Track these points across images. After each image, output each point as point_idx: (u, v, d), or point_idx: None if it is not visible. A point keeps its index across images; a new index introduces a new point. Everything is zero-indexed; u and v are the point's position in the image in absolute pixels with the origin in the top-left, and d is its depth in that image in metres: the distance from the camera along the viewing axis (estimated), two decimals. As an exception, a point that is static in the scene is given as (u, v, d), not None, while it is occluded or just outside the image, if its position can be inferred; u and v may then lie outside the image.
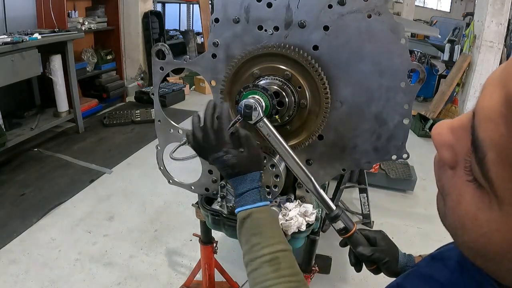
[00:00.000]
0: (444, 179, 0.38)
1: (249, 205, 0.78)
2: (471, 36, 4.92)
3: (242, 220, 0.78)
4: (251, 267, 0.74)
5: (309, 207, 1.14)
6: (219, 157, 0.80)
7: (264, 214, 0.78)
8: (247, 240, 0.77)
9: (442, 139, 0.36)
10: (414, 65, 0.90)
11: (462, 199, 0.34)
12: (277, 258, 0.73)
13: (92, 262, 2.34)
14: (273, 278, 0.71)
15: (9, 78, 3.20)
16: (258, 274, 0.72)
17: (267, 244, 0.74)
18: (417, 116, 4.95)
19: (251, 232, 0.77)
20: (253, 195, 0.79)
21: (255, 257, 0.74)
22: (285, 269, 0.72)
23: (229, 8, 0.98)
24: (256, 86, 0.86)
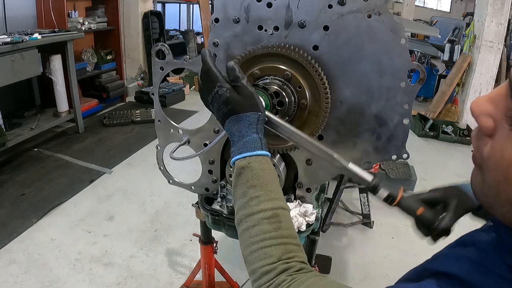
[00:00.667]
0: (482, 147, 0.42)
1: (249, 152, 0.69)
2: (471, 36, 4.92)
3: (240, 170, 0.69)
4: (246, 223, 0.65)
5: (309, 207, 1.14)
6: (214, 94, 0.73)
7: (265, 165, 0.69)
8: (244, 193, 0.67)
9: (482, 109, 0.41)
10: (414, 65, 0.90)
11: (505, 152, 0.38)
12: (278, 216, 0.65)
13: (92, 262, 2.34)
14: (273, 237, 0.62)
15: (9, 78, 3.20)
16: (256, 232, 0.63)
17: (268, 198, 0.66)
18: (417, 116, 4.95)
19: (249, 183, 0.67)
20: (253, 142, 0.70)
21: (253, 212, 0.65)
22: (285, 229, 0.64)
23: (229, 8, 0.98)
24: (256, 86, 0.86)
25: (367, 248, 2.57)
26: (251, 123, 0.71)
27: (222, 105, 0.72)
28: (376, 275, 2.29)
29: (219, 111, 0.74)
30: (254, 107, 0.72)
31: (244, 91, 0.72)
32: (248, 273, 0.64)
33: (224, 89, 0.72)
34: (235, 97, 0.72)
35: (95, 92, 5.00)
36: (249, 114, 0.71)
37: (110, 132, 4.42)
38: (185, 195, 2.75)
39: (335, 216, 2.76)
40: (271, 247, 0.62)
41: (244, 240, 0.65)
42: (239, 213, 0.68)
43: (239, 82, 0.73)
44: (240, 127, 0.71)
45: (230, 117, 0.72)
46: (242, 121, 0.71)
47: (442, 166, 4.00)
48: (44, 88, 4.17)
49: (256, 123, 0.71)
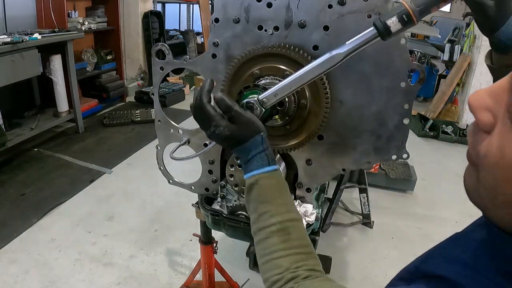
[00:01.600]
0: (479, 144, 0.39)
1: (256, 170, 0.73)
2: (471, 36, 4.92)
3: (250, 187, 0.74)
4: (259, 236, 0.71)
5: (309, 207, 1.14)
6: (211, 133, 0.76)
7: (272, 180, 0.74)
8: (255, 208, 0.73)
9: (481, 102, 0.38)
10: (414, 65, 0.90)
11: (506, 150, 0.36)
12: (286, 228, 0.70)
13: (92, 262, 2.34)
14: (281, 249, 0.68)
15: (9, 78, 3.20)
16: (266, 245, 0.69)
17: (276, 212, 0.71)
18: (417, 116, 4.95)
19: (259, 199, 0.73)
20: (260, 159, 0.74)
21: (263, 227, 0.71)
22: (294, 240, 0.69)
23: (229, 8, 0.98)
24: (257, 86, 0.86)
25: (367, 248, 2.57)
26: (256, 146, 0.74)
27: (224, 141, 0.76)
28: (376, 275, 2.29)
29: (222, 143, 0.78)
30: (255, 130, 0.75)
31: (240, 120, 0.74)
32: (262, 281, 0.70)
33: (221, 128, 0.74)
34: (234, 131, 0.74)
35: (95, 92, 5.00)
36: (251, 140, 0.74)
37: (110, 132, 4.42)
38: (185, 195, 2.75)
39: (335, 216, 2.77)
40: (279, 258, 0.67)
41: (258, 251, 0.72)
42: (253, 227, 0.74)
43: (233, 112, 0.74)
44: (246, 151, 0.75)
45: (235, 148, 0.76)
46: (247, 148, 0.75)
47: (442, 166, 4.00)
48: (44, 88, 4.16)
49: (260, 143, 0.74)
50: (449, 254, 0.48)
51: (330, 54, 0.74)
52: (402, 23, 0.64)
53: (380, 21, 0.65)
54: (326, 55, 0.74)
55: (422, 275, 0.47)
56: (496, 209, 0.39)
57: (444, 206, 3.15)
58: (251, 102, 0.81)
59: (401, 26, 0.64)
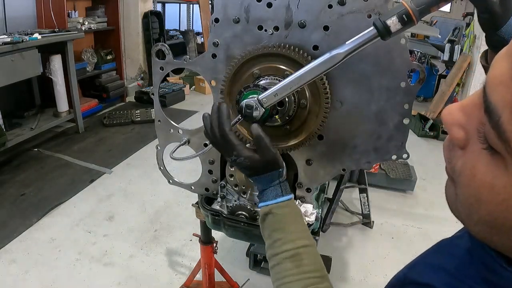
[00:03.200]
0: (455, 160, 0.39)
1: (270, 200, 0.78)
2: (471, 36, 4.92)
3: (264, 216, 0.78)
4: (273, 262, 0.75)
5: (309, 207, 1.14)
6: (233, 161, 0.80)
7: (285, 209, 0.78)
8: (269, 235, 0.77)
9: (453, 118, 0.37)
10: (414, 65, 0.90)
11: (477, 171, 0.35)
12: (298, 254, 0.73)
13: (92, 262, 2.34)
14: (293, 274, 0.71)
15: (9, 78, 3.20)
16: (279, 270, 0.73)
17: (288, 239, 0.74)
18: (417, 116, 4.94)
19: (272, 227, 0.76)
20: (274, 191, 0.78)
21: (276, 253, 0.74)
22: (307, 265, 0.72)
23: (229, 8, 0.98)
24: (257, 86, 0.86)
25: (367, 248, 2.57)
26: (273, 179, 0.79)
27: (243, 170, 0.81)
28: (376, 275, 2.29)
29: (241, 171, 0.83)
30: (275, 167, 0.79)
31: (264, 155, 0.78)
32: None
33: (242, 159, 0.78)
34: (255, 163, 0.78)
35: (95, 92, 5.00)
36: (271, 173, 0.78)
37: (110, 132, 4.42)
38: (185, 195, 2.75)
39: (335, 216, 2.76)
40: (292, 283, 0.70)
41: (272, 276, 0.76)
42: (267, 252, 0.77)
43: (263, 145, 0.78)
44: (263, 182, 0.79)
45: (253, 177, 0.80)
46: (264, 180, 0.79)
47: (442, 166, 3.92)
48: (44, 88, 4.17)
49: (277, 177, 0.79)
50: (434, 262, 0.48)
51: (330, 54, 0.74)
52: (402, 23, 0.64)
53: (380, 21, 0.65)
54: (326, 55, 0.74)
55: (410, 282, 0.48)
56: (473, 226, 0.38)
57: (444, 206, 3.10)
58: (251, 102, 0.81)
59: (401, 26, 0.64)
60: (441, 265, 0.46)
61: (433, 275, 0.45)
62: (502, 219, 0.33)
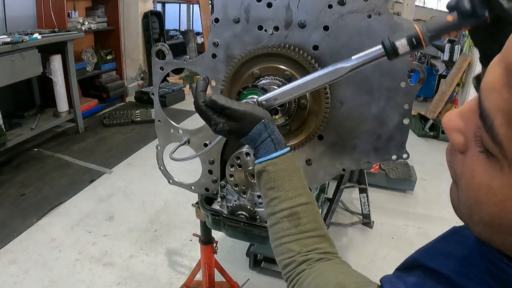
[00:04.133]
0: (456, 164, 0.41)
1: (263, 157, 0.74)
2: (471, 36, 4.91)
3: (258, 174, 0.75)
4: (270, 221, 0.73)
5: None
6: (214, 130, 0.78)
7: (280, 166, 0.73)
8: (264, 194, 0.74)
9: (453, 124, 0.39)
10: (414, 65, 0.90)
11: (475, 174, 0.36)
12: (297, 213, 0.70)
13: (92, 262, 2.34)
14: (292, 234, 0.69)
15: (9, 78, 3.20)
16: (277, 229, 0.71)
17: (285, 198, 0.71)
18: (417, 116, 4.94)
19: (267, 186, 0.73)
20: (266, 146, 0.74)
21: (273, 212, 0.72)
22: (305, 224, 0.69)
23: (229, 8, 0.98)
24: (256, 86, 0.86)
25: (367, 248, 2.57)
26: (260, 133, 0.75)
27: (228, 135, 0.78)
28: (376, 275, 2.28)
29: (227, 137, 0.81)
30: (254, 120, 0.75)
31: (237, 116, 0.75)
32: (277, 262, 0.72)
33: (220, 125, 0.76)
34: (233, 126, 0.75)
35: (95, 92, 5.00)
36: (254, 129, 0.75)
37: (110, 132, 4.42)
38: (185, 195, 2.75)
39: (335, 216, 2.76)
40: (290, 243, 0.68)
41: (270, 235, 0.74)
42: (265, 210, 0.75)
43: (227, 110, 0.75)
44: (251, 141, 0.76)
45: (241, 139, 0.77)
46: (250, 138, 0.76)
47: (442, 166, 3.99)
48: (44, 88, 4.17)
49: (264, 130, 0.75)
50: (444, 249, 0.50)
51: (335, 66, 0.73)
52: (411, 46, 0.63)
53: (389, 41, 0.64)
54: (330, 67, 0.74)
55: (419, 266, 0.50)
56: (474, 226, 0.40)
57: (444, 206, 3.14)
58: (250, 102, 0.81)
59: (409, 49, 0.64)
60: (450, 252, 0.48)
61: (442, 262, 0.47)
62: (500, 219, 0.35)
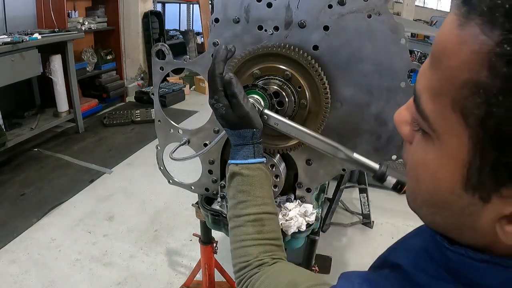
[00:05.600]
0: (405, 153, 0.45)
1: (240, 160, 0.75)
2: (471, 36, 4.91)
3: (232, 174, 0.75)
4: (234, 223, 0.74)
5: (309, 207, 1.14)
6: (211, 104, 0.76)
7: (255, 172, 0.75)
8: (234, 196, 0.75)
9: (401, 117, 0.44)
10: (414, 65, 0.90)
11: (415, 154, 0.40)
12: (261, 220, 0.72)
13: (92, 262, 2.34)
14: (254, 238, 0.70)
15: (9, 78, 3.20)
16: (240, 232, 0.72)
17: (253, 204, 0.73)
18: (417, 116, 4.94)
19: (238, 188, 0.74)
20: (246, 151, 0.75)
21: (239, 215, 0.73)
22: (268, 232, 0.71)
23: (229, 8, 0.98)
24: (255, 86, 0.86)
25: (367, 248, 2.57)
26: (245, 138, 0.75)
27: (219, 118, 0.77)
28: (376, 275, 2.29)
29: (216, 118, 0.79)
30: (250, 124, 0.75)
31: (239, 111, 0.74)
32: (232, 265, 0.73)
33: (220, 105, 0.74)
34: (230, 115, 0.74)
35: (95, 92, 5.00)
36: (242, 131, 0.75)
37: (110, 132, 4.42)
38: (185, 195, 2.75)
39: (335, 216, 2.77)
40: (251, 247, 0.70)
41: (231, 237, 0.74)
42: (229, 212, 0.76)
43: (235, 99, 0.74)
44: (234, 138, 0.76)
45: (227, 130, 0.77)
46: (236, 135, 0.76)
47: (442, 166, 4.00)
48: (44, 88, 4.17)
49: (250, 137, 0.75)
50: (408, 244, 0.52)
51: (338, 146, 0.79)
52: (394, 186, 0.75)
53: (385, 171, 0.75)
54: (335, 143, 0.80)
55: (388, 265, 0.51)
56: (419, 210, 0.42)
57: (444, 206, 3.15)
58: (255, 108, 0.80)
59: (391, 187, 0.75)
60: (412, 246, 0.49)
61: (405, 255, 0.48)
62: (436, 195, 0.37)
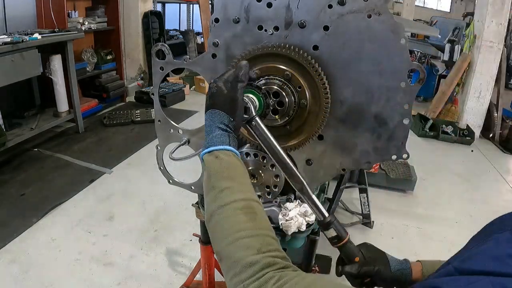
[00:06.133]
0: None
1: (216, 146, 0.68)
2: (471, 36, 4.92)
3: (208, 163, 0.67)
4: (219, 216, 0.60)
5: (309, 207, 1.14)
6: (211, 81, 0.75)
7: (233, 158, 0.68)
8: (213, 186, 0.64)
9: None
10: (414, 65, 0.90)
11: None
12: (252, 207, 0.61)
13: (92, 262, 2.34)
14: (249, 228, 0.58)
15: (9, 78, 3.20)
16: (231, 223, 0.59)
17: (239, 189, 0.63)
18: (417, 116, 4.95)
19: (219, 175, 0.64)
20: (221, 137, 0.69)
21: (225, 203, 0.61)
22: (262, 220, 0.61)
23: (229, 8, 0.98)
24: (250, 85, 0.86)
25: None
26: (222, 122, 0.71)
27: (208, 98, 0.74)
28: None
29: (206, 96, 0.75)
30: (232, 109, 0.72)
31: (231, 93, 0.73)
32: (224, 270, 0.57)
33: (214, 85, 0.74)
34: (219, 94, 0.73)
35: (95, 92, 5.00)
36: (222, 113, 0.71)
37: (110, 132, 4.42)
38: (185, 195, 2.74)
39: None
40: (248, 238, 0.57)
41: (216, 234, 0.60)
42: (209, 207, 0.63)
43: (234, 83, 0.74)
44: (211, 123, 0.71)
45: (208, 111, 0.73)
46: (215, 117, 0.71)
47: (442, 166, 4.00)
48: (44, 88, 4.17)
49: (227, 123, 0.71)
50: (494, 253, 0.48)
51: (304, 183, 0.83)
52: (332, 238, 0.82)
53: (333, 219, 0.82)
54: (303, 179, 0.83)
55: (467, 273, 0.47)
56: None
57: (444, 206, 3.15)
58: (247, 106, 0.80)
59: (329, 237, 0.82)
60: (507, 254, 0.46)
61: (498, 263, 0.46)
62: None
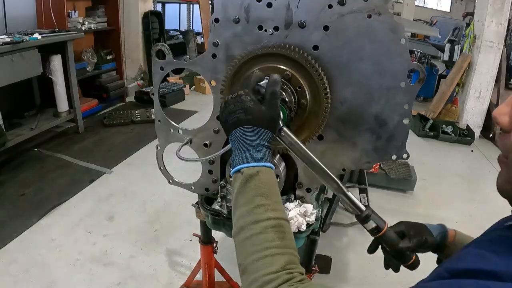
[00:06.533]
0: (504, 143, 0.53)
1: (259, 162, 0.69)
2: (471, 36, 4.92)
3: (248, 178, 0.68)
4: (251, 231, 0.64)
5: (309, 207, 1.14)
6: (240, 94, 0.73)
7: (272, 176, 0.70)
8: (249, 201, 0.67)
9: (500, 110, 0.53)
10: (414, 65, 0.90)
11: None
12: (282, 226, 0.65)
13: (92, 262, 2.34)
14: (278, 246, 0.62)
15: (9, 78, 3.20)
16: (261, 240, 0.63)
17: (272, 208, 0.66)
18: (417, 116, 4.95)
19: (257, 191, 0.67)
20: (264, 153, 0.70)
21: (258, 220, 0.64)
22: (290, 240, 0.65)
23: (229, 8, 0.98)
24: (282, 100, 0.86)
25: (367, 248, 2.57)
26: (264, 139, 0.72)
27: (240, 111, 0.72)
28: (376, 275, 2.29)
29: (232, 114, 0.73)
30: (273, 128, 0.74)
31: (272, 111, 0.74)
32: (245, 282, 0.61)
33: (249, 98, 0.73)
34: (259, 111, 0.72)
35: (95, 92, 5.00)
36: (265, 131, 0.72)
37: (110, 132, 4.42)
38: (185, 195, 2.74)
39: (335, 216, 2.76)
40: (276, 256, 0.61)
41: (245, 249, 0.64)
42: (240, 221, 0.67)
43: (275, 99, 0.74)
44: (253, 139, 0.71)
45: (245, 127, 0.72)
46: (257, 134, 0.72)
47: (442, 166, 4.00)
48: (44, 88, 4.16)
49: (268, 139, 0.73)
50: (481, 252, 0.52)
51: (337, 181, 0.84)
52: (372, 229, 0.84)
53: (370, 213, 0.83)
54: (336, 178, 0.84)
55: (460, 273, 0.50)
56: None
57: (444, 206, 3.15)
58: None
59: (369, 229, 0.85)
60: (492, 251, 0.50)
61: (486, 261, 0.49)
62: None
